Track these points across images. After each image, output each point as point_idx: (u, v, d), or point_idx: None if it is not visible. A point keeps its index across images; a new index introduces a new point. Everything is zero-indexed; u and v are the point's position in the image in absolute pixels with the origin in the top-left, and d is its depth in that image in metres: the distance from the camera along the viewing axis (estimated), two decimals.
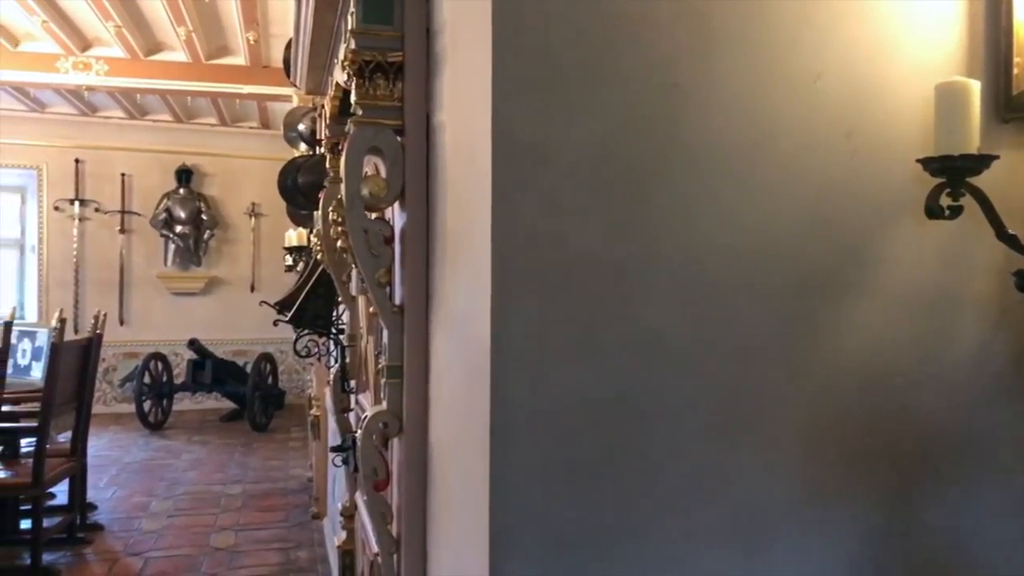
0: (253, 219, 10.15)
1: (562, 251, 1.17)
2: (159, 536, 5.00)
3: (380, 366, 1.79)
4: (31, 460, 4.61)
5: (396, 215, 1.80)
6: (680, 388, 1.21)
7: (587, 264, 1.18)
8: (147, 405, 8.56)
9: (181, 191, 9.77)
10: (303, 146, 4.90)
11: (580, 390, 1.18)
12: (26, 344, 6.09)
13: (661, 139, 1.21)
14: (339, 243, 1.76)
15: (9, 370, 5.88)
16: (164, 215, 9.71)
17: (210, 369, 8.88)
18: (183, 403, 9.38)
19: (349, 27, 1.76)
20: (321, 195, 2.81)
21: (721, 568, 1.23)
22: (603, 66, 1.19)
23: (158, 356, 8.93)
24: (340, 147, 2.74)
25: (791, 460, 1.26)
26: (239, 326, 9.96)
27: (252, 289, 10.13)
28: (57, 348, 4.54)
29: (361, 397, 2.52)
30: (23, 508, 4.89)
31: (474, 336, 1.25)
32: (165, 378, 8.94)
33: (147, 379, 8.65)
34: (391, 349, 1.74)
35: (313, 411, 5.66)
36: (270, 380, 9.11)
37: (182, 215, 9.76)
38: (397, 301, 1.76)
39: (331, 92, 2.60)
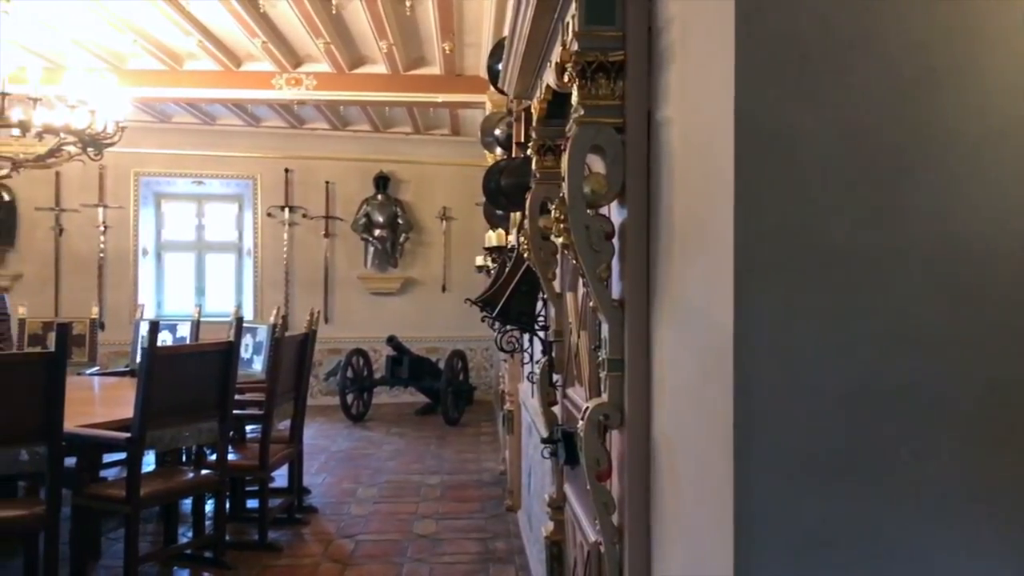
0: (444, 222, 10.57)
1: (810, 242, 1.15)
2: (367, 520, 5.32)
3: (600, 359, 1.82)
4: (256, 445, 5.05)
5: (615, 211, 1.83)
6: (937, 384, 1.16)
7: (836, 255, 1.15)
8: (350, 398, 9.13)
9: (379, 197, 10.33)
10: (498, 150, 5.04)
11: (828, 384, 1.15)
12: (247, 339, 6.65)
13: (914, 126, 1.17)
14: (560, 240, 1.80)
15: None
16: (364, 220, 10.30)
17: (407, 365, 9.34)
18: (381, 397, 9.91)
19: (572, 29, 1.80)
20: (528, 196, 2.90)
21: None
22: (851, 53, 1.16)
23: (359, 352, 9.50)
24: (547, 148, 2.82)
25: None
26: (432, 324, 10.41)
27: (443, 289, 10.55)
28: (279, 342, 4.94)
29: (570, 391, 2.57)
30: (248, 489, 5.37)
31: (712, 329, 1.25)
32: (366, 373, 9.50)
33: (350, 373, 9.23)
34: (611, 343, 1.77)
35: (506, 406, 5.83)
36: (461, 376, 9.45)
37: (380, 219, 10.32)
38: (616, 295, 1.79)
39: (540, 95, 2.67)
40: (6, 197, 9.54)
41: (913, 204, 1.16)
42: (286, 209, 10.23)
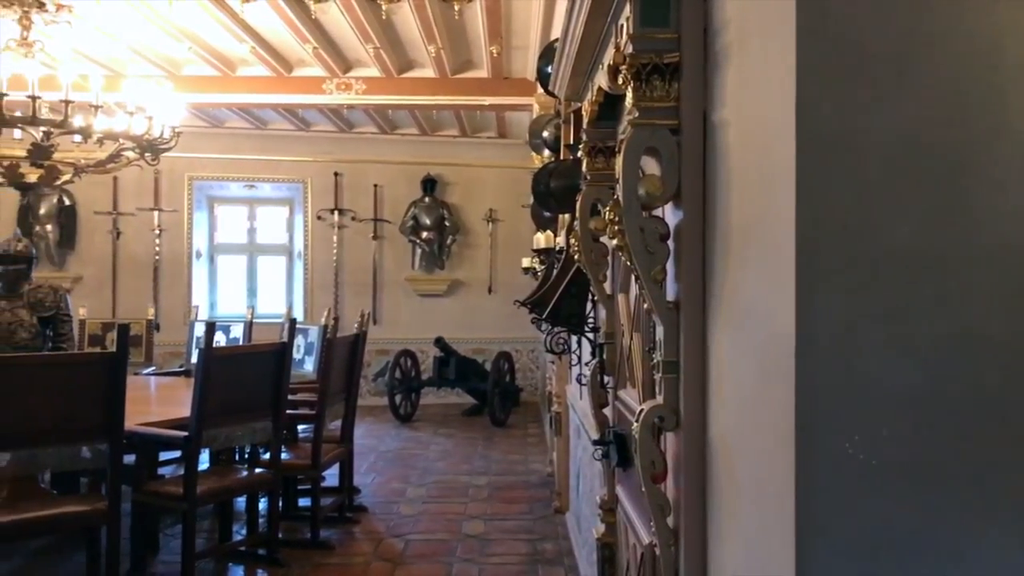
0: (490, 224, 10.61)
1: (874, 242, 1.14)
2: (416, 520, 5.37)
3: (655, 361, 1.82)
4: (308, 444, 5.13)
5: (670, 213, 1.83)
6: (1006, 388, 1.14)
7: (900, 255, 1.14)
8: (398, 398, 9.22)
9: (426, 199, 10.41)
10: (546, 152, 5.05)
11: (892, 386, 1.14)
12: (299, 340, 6.75)
13: (981, 125, 1.15)
14: (614, 241, 1.81)
15: None
16: (411, 222, 10.39)
17: (454, 366, 9.40)
18: (428, 397, 9.98)
19: (626, 31, 1.81)
20: (578, 198, 2.90)
21: None
22: (915, 51, 1.15)
23: (407, 353, 9.59)
24: (598, 150, 2.82)
25: None
26: (478, 326, 10.46)
27: (490, 291, 10.60)
28: (331, 343, 5.01)
29: (622, 393, 2.57)
30: (300, 488, 5.45)
31: (773, 331, 1.25)
32: (413, 374, 9.58)
33: (398, 374, 9.32)
34: (666, 345, 1.77)
35: (554, 408, 5.83)
36: (508, 378, 9.48)
37: (427, 222, 10.40)
38: (671, 297, 1.79)
39: (591, 97, 2.67)
40: (67, 202, 9.83)
41: (978, 204, 1.14)
42: (335, 212, 10.37)
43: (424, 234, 10.41)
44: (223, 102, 7.91)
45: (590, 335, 3.41)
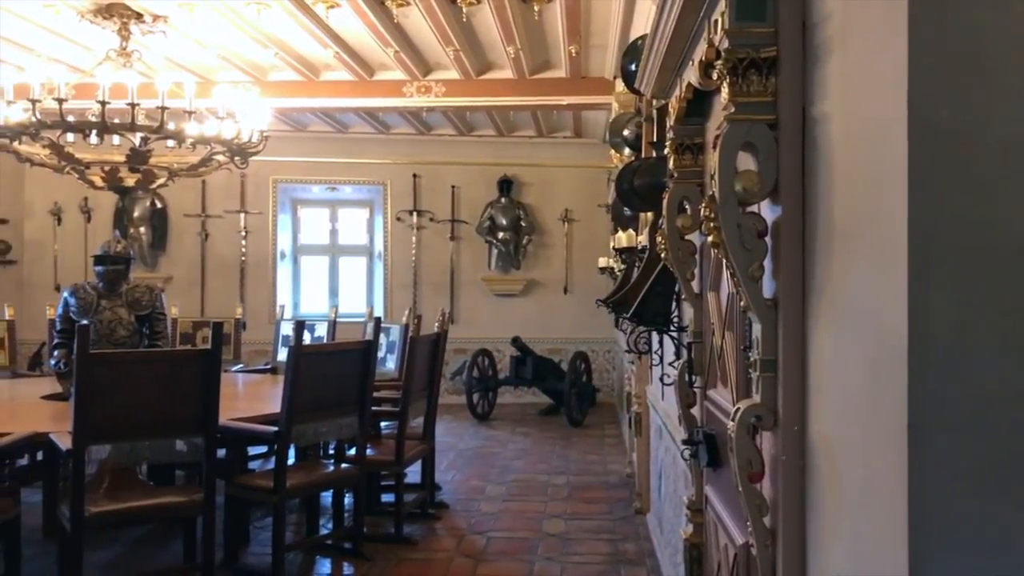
0: (566, 224, 10.61)
1: (988, 238, 1.11)
2: (496, 518, 5.41)
3: (751, 360, 1.80)
4: (390, 441, 5.22)
5: (767, 209, 1.81)
6: None
7: (1017, 253, 1.11)
8: (475, 397, 9.30)
9: (502, 200, 10.48)
10: (627, 151, 5.03)
11: (1008, 384, 1.11)
12: (381, 338, 6.88)
13: None
14: (710, 238, 1.79)
15: None
16: (488, 222, 10.47)
17: (530, 365, 9.44)
18: (504, 396, 10.03)
19: (721, 26, 1.80)
20: (665, 195, 2.89)
21: None
22: None
23: (484, 352, 9.67)
24: (685, 147, 2.80)
25: None
26: (554, 325, 10.48)
27: (565, 291, 10.60)
28: (414, 341, 5.09)
29: (711, 392, 2.54)
30: (383, 484, 5.55)
31: (882, 328, 1.22)
32: (491, 373, 9.65)
33: (475, 373, 9.40)
34: (764, 343, 1.75)
35: (633, 408, 5.80)
36: (585, 378, 9.47)
37: (503, 222, 10.47)
38: (769, 295, 1.77)
39: (679, 93, 2.66)
40: (159, 205, 10.22)
41: None
42: (414, 213, 10.52)
43: (500, 234, 10.48)
44: (307, 106, 8.11)
45: (674, 334, 3.39)
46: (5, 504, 3.89)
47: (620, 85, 6.27)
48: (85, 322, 4.51)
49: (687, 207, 2.80)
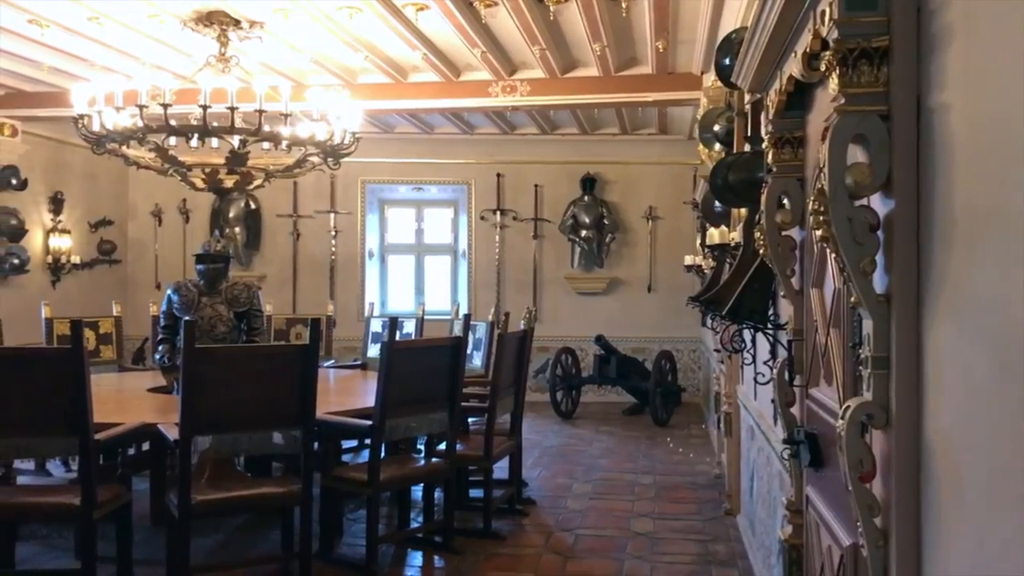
0: (650, 222, 10.51)
1: None
2: (583, 516, 5.41)
3: (861, 357, 1.76)
4: (478, 437, 5.28)
5: (879, 202, 1.77)
6: None
7: None
8: (559, 395, 9.31)
9: (585, 198, 10.45)
10: (717, 146, 4.96)
11: None
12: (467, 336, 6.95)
13: None
14: (819, 232, 1.76)
15: None
16: (571, 221, 10.46)
17: (614, 364, 9.39)
18: (588, 395, 10.00)
19: (829, 16, 1.76)
20: (763, 190, 2.84)
21: None
22: None
23: (567, 350, 9.66)
24: (785, 141, 2.75)
25: None
26: (637, 324, 10.40)
27: (649, 289, 10.50)
28: (502, 338, 5.14)
29: (813, 391, 2.49)
30: (470, 479, 5.61)
31: (1010, 324, 1.19)
32: (574, 371, 9.64)
33: (559, 371, 9.41)
34: (876, 339, 1.71)
35: (723, 408, 5.72)
36: (670, 377, 9.37)
37: (586, 220, 10.44)
38: (881, 290, 1.73)
39: (779, 86, 2.61)
40: (252, 206, 10.56)
41: None
42: (497, 212, 10.59)
43: (583, 233, 10.45)
44: (395, 108, 8.25)
45: (772, 332, 3.33)
46: (118, 491, 4.09)
47: (708, 80, 6.20)
48: (189, 318, 4.70)
49: (786, 202, 2.76)
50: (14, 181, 8.59)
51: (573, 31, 6.35)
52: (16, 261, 8.64)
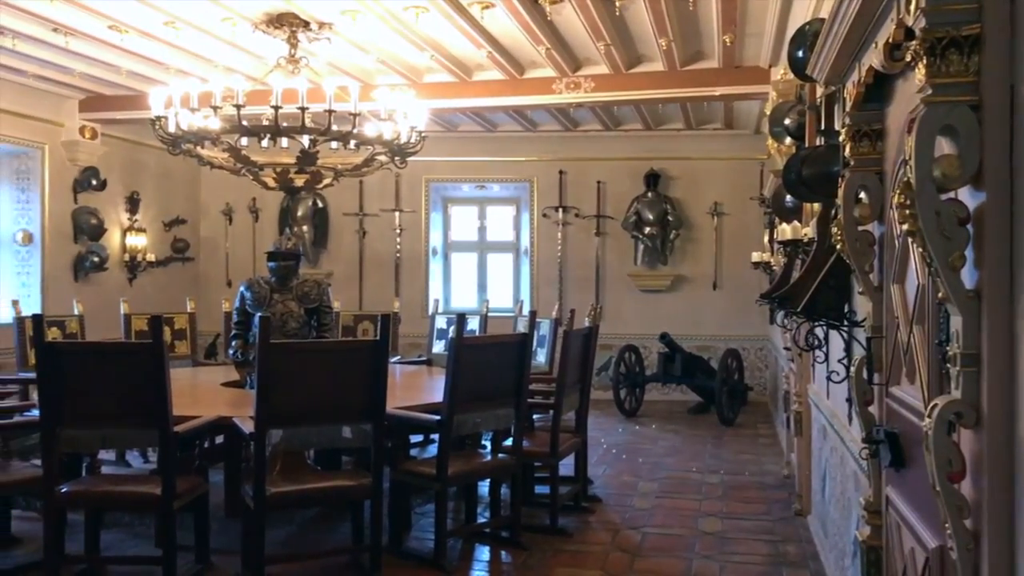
0: (715, 218, 10.38)
1: None
2: (650, 514, 5.37)
3: (951, 353, 1.72)
4: (543, 433, 5.29)
5: (968, 195, 1.72)
6: None
7: None
8: (622, 393, 9.26)
9: (649, 195, 10.36)
10: (788, 140, 4.87)
11: None
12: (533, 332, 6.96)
13: None
14: (904, 227, 1.72)
15: None
16: (634, 217, 10.39)
17: (679, 362, 9.30)
18: (651, 393, 9.92)
19: (916, 5, 1.72)
20: (840, 184, 2.79)
21: None
22: None
23: (631, 348, 9.60)
24: (863, 134, 2.69)
25: None
26: (702, 322, 10.29)
27: (714, 287, 10.37)
28: (568, 335, 5.14)
29: (894, 389, 2.43)
30: (536, 476, 5.62)
31: None
32: (638, 369, 9.58)
33: (622, 369, 9.36)
34: (965, 336, 1.67)
35: (793, 407, 5.62)
36: (736, 376, 9.24)
37: (650, 217, 10.36)
38: (971, 285, 1.69)
39: (858, 78, 2.56)
40: (320, 204, 10.76)
41: None
42: (560, 209, 10.58)
43: (647, 229, 10.37)
44: (459, 107, 8.30)
45: (847, 329, 3.26)
46: (196, 481, 4.21)
47: (777, 73, 6.09)
48: (263, 314, 4.81)
49: (864, 196, 2.70)
50: (94, 182, 8.92)
51: (638, 26, 6.31)
52: (96, 259, 8.97)
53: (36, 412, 4.14)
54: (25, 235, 8.51)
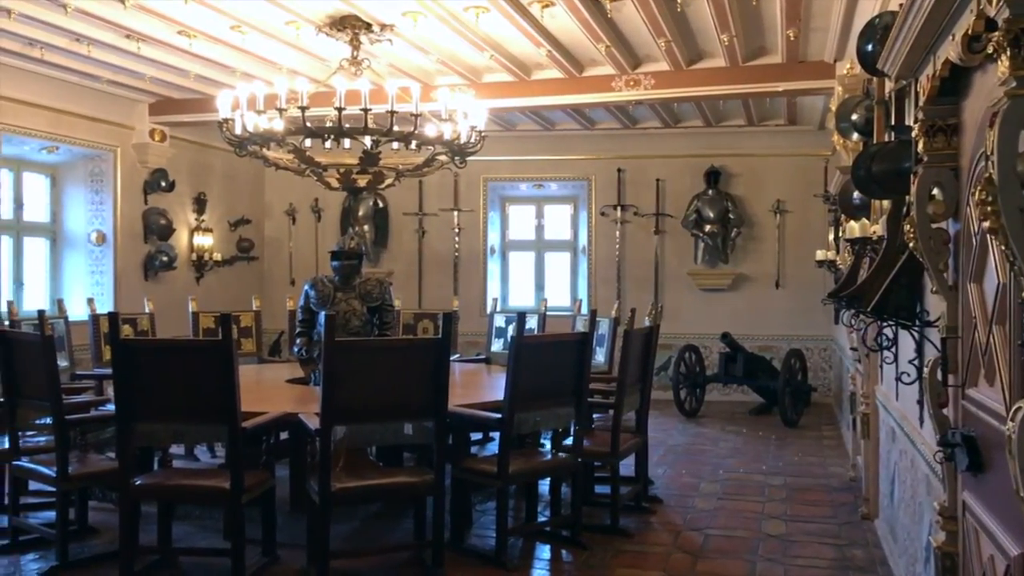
0: (778, 216, 10.20)
1: None
2: (712, 515, 5.32)
3: None
4: (603, 433, 5.27)
5: None
6: None
7: None
8: (682, 393, 9.16)
9: (709, 192, 10.23)
10: (855, 136, 4.76)
11: None
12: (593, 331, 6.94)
13: None
14: (986, 224, 1.67)
15: None
16: (694, 216, 10.27)
17: (741, 363, 9.18)
18: (712, 394, 9.80)
19: None
20: (913, 180, 2.72)
21: None
22: None
23: (691, 348, 9.50)
24: (937, 129, 2.63)
25: None
26: (764, 322, 10.12)
27: (777, 286, 10.20)
28: (629, 334, 5.11)
29: (972, 391, 2.36)
30: (596, 475, 5.60)
31: None
32: (698, 369, 9.47)
33: (682, 369, 9.26)
34: None
35: (860, 408, 5.50)
36: (800, 376, 9.08)
37: (710, 215, 10.22)
38: None
39: (932, 71, 2.50)
40: (380, 204, 10.89)
41: None
42: (618, 208, 10.52)
43: (707, 227, 10.23)
44: (518, 106, 8.31)
45: (919, 329, 3.18)
46: (263, 476, 4.30)
47: (843, 68, 5.96)
48: (328, 312, 4.90)
49: (938, 193, 2.63)
50: (163, 183, 9.18)
51: (700, 22, 6.24)
52: (165, 258, 9.23)
53: (112, 407, 4.28)
54: (99, 235, 8.80)
